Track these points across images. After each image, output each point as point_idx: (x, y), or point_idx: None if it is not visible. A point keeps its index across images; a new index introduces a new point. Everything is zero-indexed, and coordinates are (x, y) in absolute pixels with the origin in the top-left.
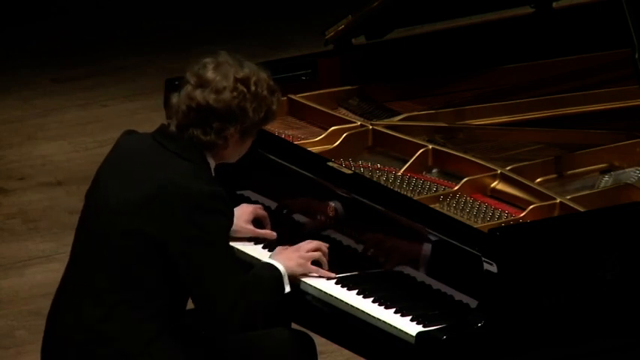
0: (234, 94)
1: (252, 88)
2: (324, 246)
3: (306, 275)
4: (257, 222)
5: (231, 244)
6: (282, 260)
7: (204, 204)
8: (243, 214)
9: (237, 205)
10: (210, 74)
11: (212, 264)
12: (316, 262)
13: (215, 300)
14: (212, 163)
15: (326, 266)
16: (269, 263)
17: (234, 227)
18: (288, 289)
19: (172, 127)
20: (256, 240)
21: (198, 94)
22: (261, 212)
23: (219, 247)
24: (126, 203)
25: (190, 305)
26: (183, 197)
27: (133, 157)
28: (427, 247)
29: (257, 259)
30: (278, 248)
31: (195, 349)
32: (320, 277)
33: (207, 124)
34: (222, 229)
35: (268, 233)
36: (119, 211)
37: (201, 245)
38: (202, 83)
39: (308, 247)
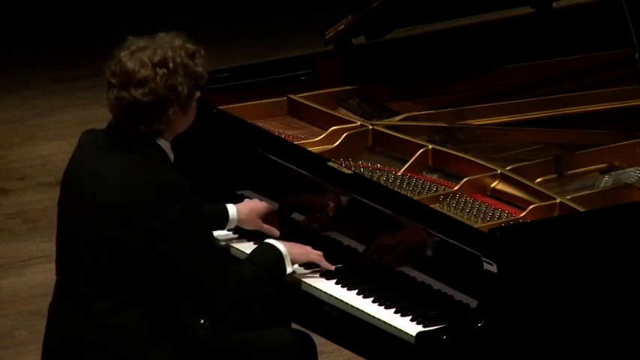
0: (158, 79)
1: (171, 64)
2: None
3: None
4: (265, 219)
5: (233, 244)
6: (286, 245)
7: (167, 197)
8: (256, 209)
9: (237, 202)
10: (128, 69)
11: (194, 252)
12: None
13: (200, 286)
14: (167, 145)
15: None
16: (270, 244)
17: (245, 217)
18: (290, 269)
19: (115, 125)
20: (256, 240)
21: (125, 94)
22: (272, 212)
23: (196, 235)
24: (93, 210)
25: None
26: (146, 197)
27: (93, 159)
28: (427, 247)
29: (261, 243)
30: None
31: (195, 349)
32: (319, 275)
33: (146, 117)
34: (193, 215)
35: (274, 230)
36: (88, 218)
37: (173, 237)
38: (124, 81)
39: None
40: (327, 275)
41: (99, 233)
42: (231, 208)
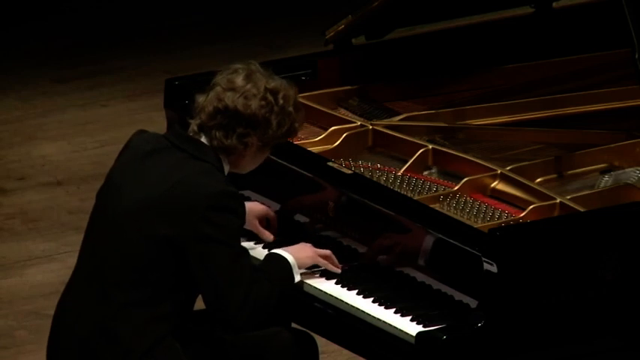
0: (263, 102)
1: (280, 101)
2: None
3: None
4: (262, 222)
5: None
6: (292, 251)
7: (218, 203)
8: (254, 209)
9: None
10: (240, 81)
11: (223, 262)
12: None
13: (225, 298)
14: (226, 168)
15: (335, 266)
16: (277, 254)
17: None
18: (298, 278)
19: (194, 127)
20: (257, 241)
21: (228, 97)
22: (272, 215)
23: (231, 246)
24: (140, 204)
25: (196, 307)
26: (198, 195)
27: (147, 158)
28: (427, 248)
29: (257, 259)
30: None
31: (198, 350)
32: (319, 276)
33: (230, 127)
34: (235, 228)
35: (267, 234)
36: (133, 211)
37: (214, 243)
38: (233, 87)
39: (320, 249)
40: (327, 275)
41: (147, 228)
42: None
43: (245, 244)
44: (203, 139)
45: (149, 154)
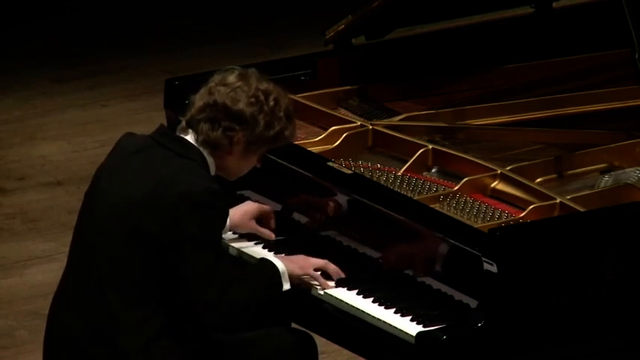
0: (252, 100)
1: (271, 103)
2: (332, 265)
3: (304, 279)
4: (260, 221)
5: (232, 244)
6: (284, 260)
7: (200, 200)
8: (249, 210)
9: (237, 204)
10: (233, 78)
11: (200, 262)
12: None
13: (198, 298)
14: (212, 167)
15: (330, 277)
16: (268, 260)
17: (238, 222)
18: (287, 286)
19: (183, 123)
20: (257, 240)
21: (219, 91)
22: (267, 212)
23: (211, 245)
24: (124, 202)
25: None
26: (180, 193)
27: (132, 157)
28: (427, 247)
29: (256, 258)
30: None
31: (195, 350)
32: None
33: (217, 120)
34: (216, 226)
35: (268, 233)
36: (118, 209)
37: (193, 242)
38: (225, 83)
39: (315, 260)
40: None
41: (132, 226)
42: None
43: (244, 244)
44: (190, 137)
45: (134, 153)
